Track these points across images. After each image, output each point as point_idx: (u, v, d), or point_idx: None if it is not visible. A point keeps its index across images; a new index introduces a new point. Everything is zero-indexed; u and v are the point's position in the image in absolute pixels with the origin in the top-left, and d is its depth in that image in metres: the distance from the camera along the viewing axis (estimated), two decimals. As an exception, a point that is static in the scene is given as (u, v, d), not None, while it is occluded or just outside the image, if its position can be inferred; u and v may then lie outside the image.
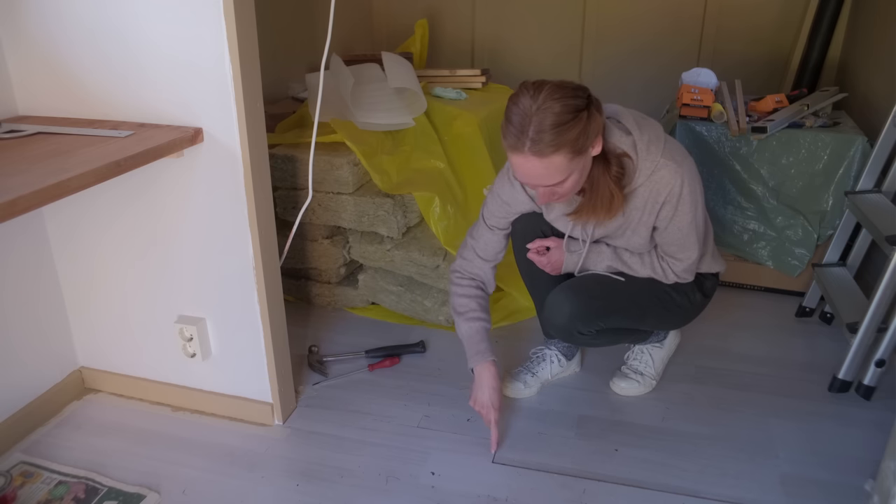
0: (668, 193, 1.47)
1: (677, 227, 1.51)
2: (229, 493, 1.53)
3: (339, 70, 2.24)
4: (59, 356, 1.81)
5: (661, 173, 1.45)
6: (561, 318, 1.63)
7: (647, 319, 1.71)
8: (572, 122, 1.28)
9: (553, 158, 1.30)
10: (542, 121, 1.27)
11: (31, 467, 1.59)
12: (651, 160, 1.45)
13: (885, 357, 1.74)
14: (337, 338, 2.14)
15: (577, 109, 1.29)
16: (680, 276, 1.62)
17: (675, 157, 1.47)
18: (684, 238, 1.54)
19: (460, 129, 2.37)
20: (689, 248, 1.56)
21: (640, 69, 3.19)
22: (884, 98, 2.25)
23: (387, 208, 2.09)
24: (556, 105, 1.27)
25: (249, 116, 1.45)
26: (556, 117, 1.27)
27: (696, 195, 1.50)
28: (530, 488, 1.53)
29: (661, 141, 1.48)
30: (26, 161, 1.24)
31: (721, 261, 1.73)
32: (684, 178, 1.46)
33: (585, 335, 1.66)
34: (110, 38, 1.46)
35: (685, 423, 1.73)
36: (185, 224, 1.60)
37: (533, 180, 1.37)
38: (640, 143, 1.45)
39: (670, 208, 1.48)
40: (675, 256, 1.59)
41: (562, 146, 1.29)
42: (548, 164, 1.31)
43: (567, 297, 1.63)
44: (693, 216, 1.50)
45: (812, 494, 1.51)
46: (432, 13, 3.43)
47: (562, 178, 1.34)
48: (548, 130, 1.27)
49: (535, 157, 1.30)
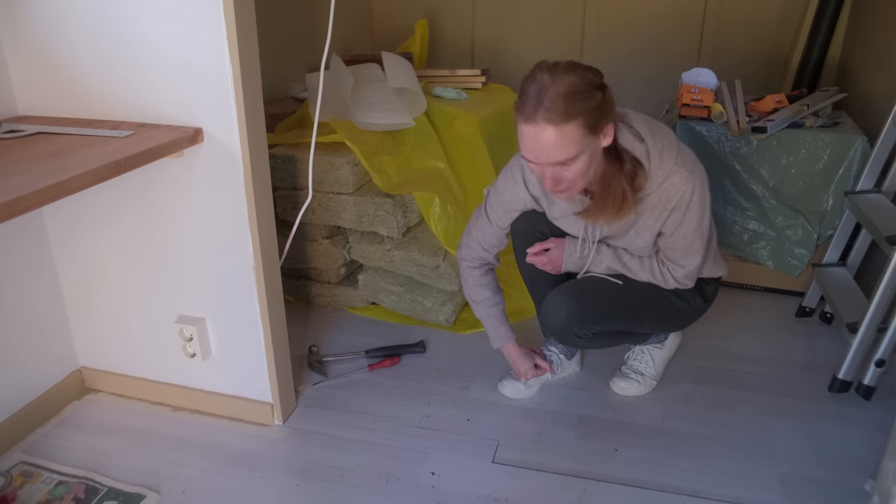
0: (678, 200, 1.47)
1: (683, 234, 1.51)
2: (229, 493, 1.53)
3: (339, 70, 2.24)
4: (59, 356, 1.81)
5: (673, 180, 1.45)
6: (557, 321, 1.64)
7: (644, 323, 1.71)
8: (588, 94, 1.30)
9: (567, 128, 1.29)
10: (559, 89, 1.29)
11: (31, 467, 1.59)
12: (664, 168, 1.45)
13: (885, 357, 1.74)
14: (337, 338, 2.14)
15: (593, 84, 1.32)
16: (680, 283, 1.62)
17: (687, 164, 1.47)
18: (688, 245, 1.54)
19: (460, 129, 2.37)
20: (692, 254, 1.56)
21: (640, 69, 3.19)
22: (884, 98, 2.25)
23: (387, 208, 2.09)
24: (572, 76, 1.30)
25: (249, 116, 1.45)
26: (572, 86, 1.29)
27: (704, 203, 1.50)
28: (530, 488, 1.53)
29: (675, 148, 1.47)
30: (26, 161, 1.24)
31: (723, 265, 1.73)
32: (695, 185, 1.46)
33: (582, 338, 1.66)
34: (110, 39, 1.46)
35: (685, 423, 1.73)
36: (185, 224, 1.60)
37: (544, 155, 1.34)
38: (654, 150, 1.44)
39: (679, 215, 1.48)
40: (678, 262, 1.59)
41: (577, 115, 1.29)
42: (561, 134, 1.30)
43: (564, 299, 1.63)
44: (699, 223, 1.50)
45: (812, 494, 1.51)
46: (432, 13, 3.43)
47: (573, 154, 1.32)
48: (564, 98, 1.28)
49: (550, 126, 1.29)
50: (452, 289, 2.14)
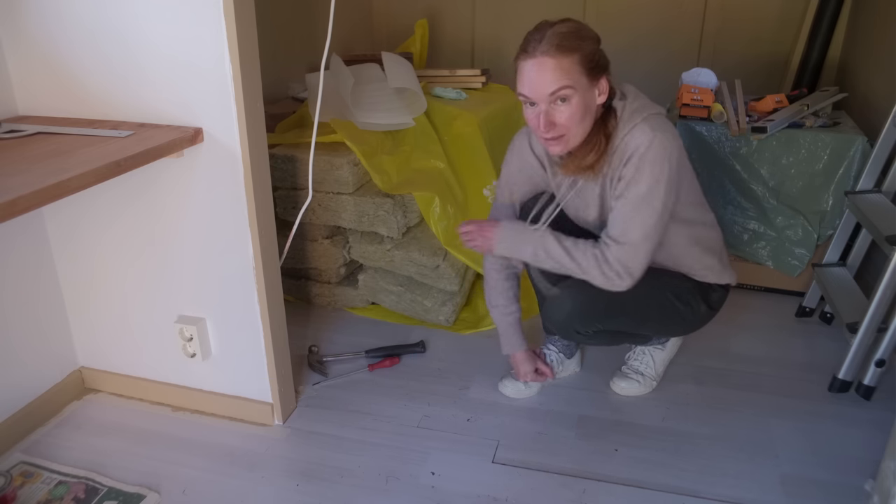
0: (632, 151, 1.41)
1: (628, 198, 1.42)
2: (229, 493, 1.53)
3: (339, 70, 2.24)
4: (59, 356, 1.81)
5: (634, 133, 1.43)
6: (560, 315, 1.64)
7: (647, 325, 1.70)
8: (588, 39, 1.40)
9: (564, 60, 1.36)
10: (559, 30, 1.37)
11: (31, 467, 1.59)
12: (630, 123, 1.44)
13: (885, 357, 1.74)
14: (337, 338, 2.14)
15: (591, 37, 1.42)
16: (612, 266, 1.45)
17: (654, 126, 1.42)
18: (630, 214, 1.43)
19: (460, 129, 2.37)
20: (631, 230, 1.43)
21: (640, 69, 3.18)
22: (884, 98, 2.25)
23: (387, 208, 2.09)
24: (573, 24, 1.40)
25: (249, 116, 1.45)
26: (574, 28, 1.39)
27: (662, 170, 1.40)
28: (530, 488, 1.53)
29: (648, 111, 1.45)
30: (26, 161, 1.24)
31: (731, 272, 1.70)
32: (654, 142, 1.39)
33: (583, 334, 1.66)
34: (110, 39, 1.46)
35: (685, 423, 1.73)
36: (185, 224, 1.60)
37: (539, 86, 1.38)
38: (629, 107, 1.46)
39: (631, 169, 1.41)
40: (615, 238, 1.45)
41: (574, 50, 1.36)
42: (558, 65, 1.36)
43: (570, 294, 1.62)
44: (650, 190, 1.41)
45: (812, 494, 1.51)
46: (432, 13, 3.43)
47: (568, 83, 1.36)
48: (563, 35, 1.36)
49: (549, 58, 1.36)
50: (452, 289, 2.14)
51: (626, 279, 1.47)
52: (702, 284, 1.66)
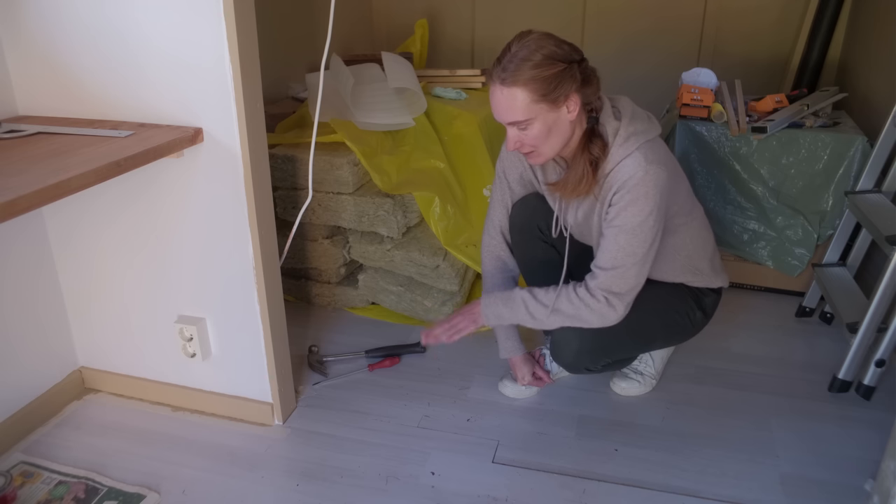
0: (623, 182, 1.39)
1: (619, 226, 1.41)
2: (229, 494, 1.53)
3: (339, 70, 2.24)
4: (59, 356, 1.81)
5: (626, 161, 1.40)
6: (568, 355, 1.63)
7: (654, 345, 1.75)
8: (544, 65, 1.33)
9: (515, 91, 1.34)
10: (516, 54, 1.34)
11: (31, 467, 1.59)
12: (625, 150, 1.40)
13: (885, 357, 1.74)
14: (337, 338, 2.14)
15: (554, 56, 1.34)
16: (598, 298, 1.44)
17: (649, 156, 1.39)
18: (622, 242, 1.41)
19: (460, 129, 2.37)
20: (620, 265, 1.42)
21: (639, 69, 3.19)
22: (884, 98, 2.25)
23: (387, 208, 2.09)
24: (534, 45, 1.34)
25: (249, 116, 1.45)
26: (529, 53, 1.33)
27: (655, 202, 1.39)
28: (530, 488, 1.53)
29: (645, 137, 1.41)
30: (26, 161, 1.24)
31: (724, 276, 1.70)
32: (647, 175, 1.37)
33: (592, 370, 1.69)
34: (110, 38, 1.46)
35: (685, 423, 1.73)
36: (185, 224, 1.60)
37: (498, 114, 1.40)
38: (623, 131, 1.41)
39: (623, 199, 1.39)
40: (601, 266, 1.45)
41: (526, 82, 1.33)
42: (510, 97, 1.34)
43: (575, 332, 1.57)
44: (641, 222, 1.39)
45: (812, 494, 1.51)
46: (432, 13, 3.43)
47: (521, 118, 1.36)
48: (517, 62, 1.33)
49: (502, 86, 1.35)
50: (452, 289, 2.14)
51: (619, 307, 1.46)
52: (695, 291, 1.67)
